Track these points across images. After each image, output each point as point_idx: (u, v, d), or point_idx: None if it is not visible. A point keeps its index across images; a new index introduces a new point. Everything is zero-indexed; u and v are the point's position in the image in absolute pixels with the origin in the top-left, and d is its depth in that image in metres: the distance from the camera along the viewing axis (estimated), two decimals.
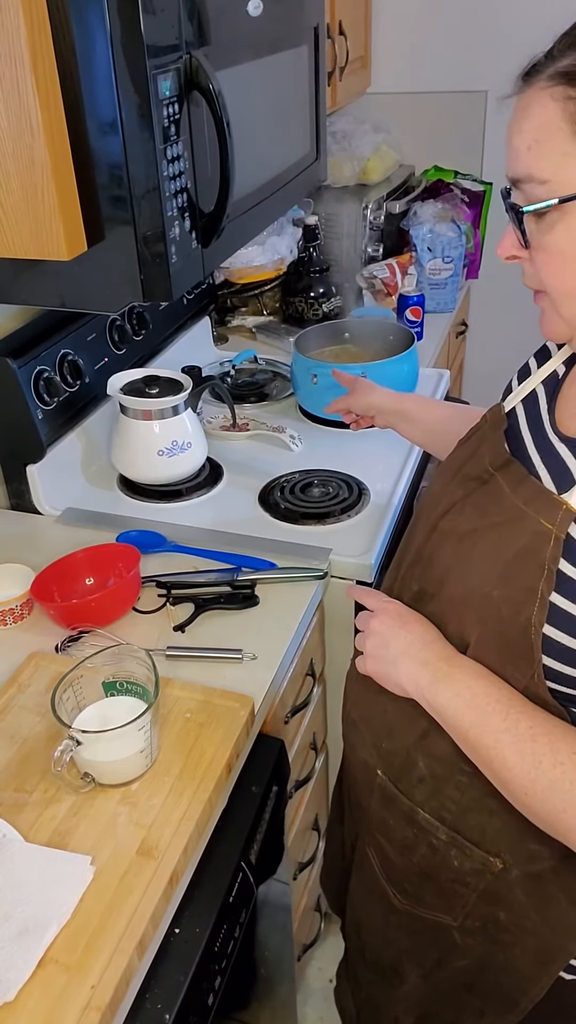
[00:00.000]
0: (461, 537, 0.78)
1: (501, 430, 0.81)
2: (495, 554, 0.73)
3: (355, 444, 1.62)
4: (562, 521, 0.68)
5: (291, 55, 1.32)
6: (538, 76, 0.65)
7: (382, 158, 2.31)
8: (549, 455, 0.74)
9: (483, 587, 0.73)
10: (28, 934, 0.76)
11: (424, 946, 0.91)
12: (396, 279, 2.15)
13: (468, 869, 0.81)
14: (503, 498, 0.75)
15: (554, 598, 0.67)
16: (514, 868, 0.79)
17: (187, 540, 1.33)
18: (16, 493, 1.43)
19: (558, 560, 0.67)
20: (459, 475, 0.83)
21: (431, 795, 0.82)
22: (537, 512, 0.70)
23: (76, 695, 0.94)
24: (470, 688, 0.73)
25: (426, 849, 0.84)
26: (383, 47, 2.41)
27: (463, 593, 0.77)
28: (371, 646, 0.83)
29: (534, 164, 0.64)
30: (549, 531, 0.68)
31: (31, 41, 0.83)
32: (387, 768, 0.86)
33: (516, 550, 0.71)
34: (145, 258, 0.99)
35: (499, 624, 0.72)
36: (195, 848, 0.89)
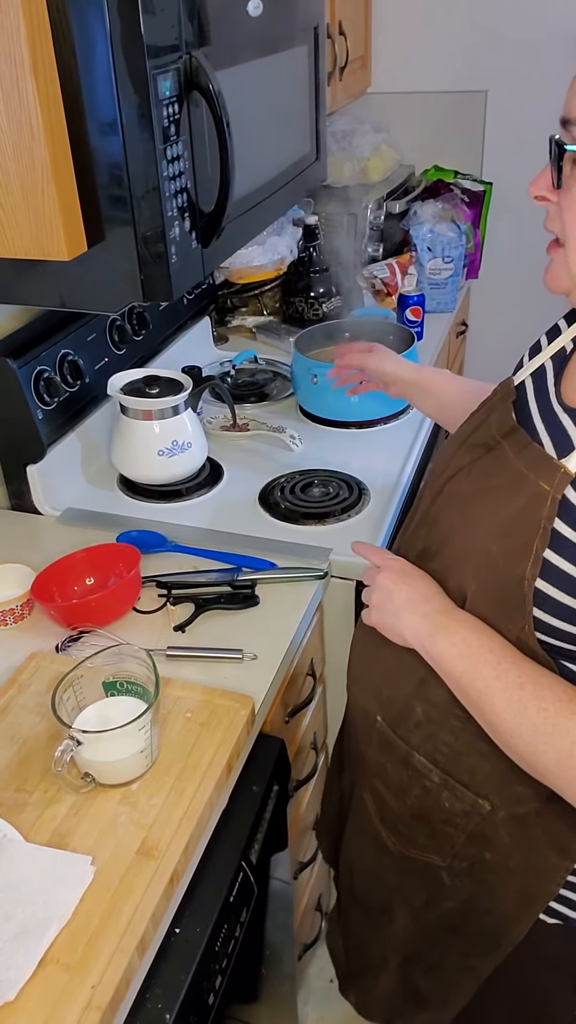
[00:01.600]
0: (465, 498, 0.83)
1: (510, 401, 0.84)
2: (496, 513, 0.77)
3: (355, 444, 1.62)
4: (559, 483, 0.71)
5: (291, 55, 1.32)
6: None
7: (382, 158, 2.31)
8: (552, 424, 0.78)
9: (483, 543, 0.78)
10: (29, 934, 0.76)
11: (414, 887, 0.95)
12: (396, 279, 2.15)
13: (458, 810, 0.86)
14: (507, 463, 0.79)
15: (547, 554, 0.71)
16: (501, 809, 0.83)
17: (187, 540, 1.33)
18: (16, 493, 1.43)
19: (553, 519, 0.71)
20: (467, 443, 0.87)
21: (426, 739, 0.86)
22: (537, 475, 0.74)
23: (76, 695, 0.94)
24: (465, 639, 0.78)
25: (419, 791, 0.88)
26: (383, 47, 2.41)
27: (464, 549, 0.81)
28: (376, 599, 0.88)
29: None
30: (546, 492, 0.72)
31: (31, 41, 0.83)
32: (386, 714, 0.91)
33: (515, 510, 0.74)
34: (145, 258, 0.99)
35: (495, 577, 0.76)
36: (195, 848, 0.89)
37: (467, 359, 2.82)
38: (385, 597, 0.87)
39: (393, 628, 0.86)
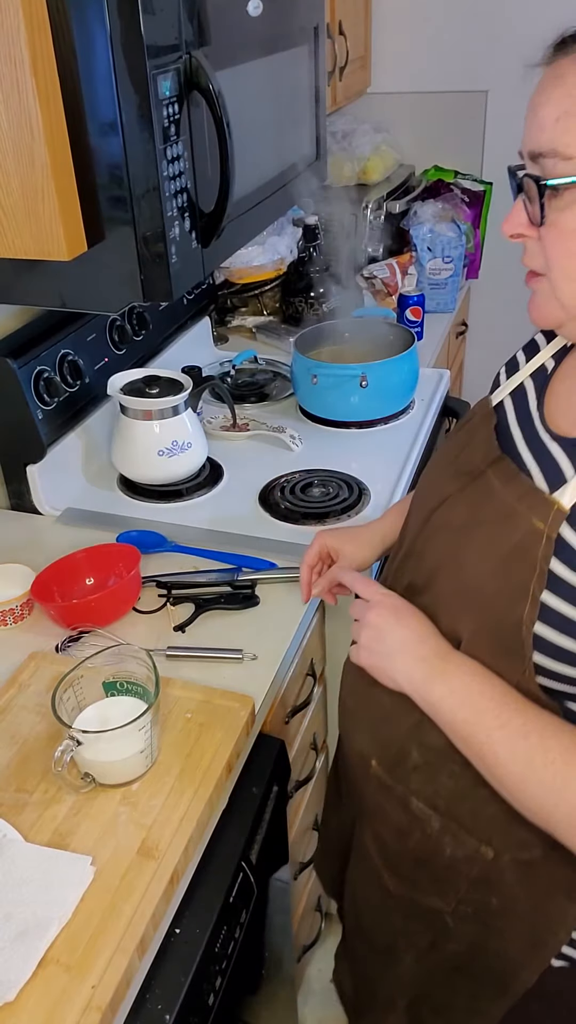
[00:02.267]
0: (454, 532, 0.79)
1: (491, 425, 0.81)
2: (488, 550, 0.74)
3: (355, 444, 1.62)
4: (554, 520, 0.69)
5: (291, 55, 1.32)
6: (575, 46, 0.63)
7: (382, 158, 2.31)
8: (540, 453, 0.75)
9: (476, 581, 0.74)
10: (29, 934, 0.76)
11: (419, 929, 0.92)
12: (396, 279, 2.15)
13: (461, 856, 0.82)
14: (494, 494, 0.76)
15: (545, 596, 0.68)
16: (505, 855, 0.80)
17: (187, 540, 1.33)
18: (16, 493, 1.43)
19: (549, 559, 0.68)
20: (451, 468, 0.84)
21: (425, 783, 0.83)
22: (530, 510, 0.71)
23: (76, 695, 0.94)
24: (465, 685, 0.74)
25: (420, 836, 0.85)
26: (383, 47, 2.41)
27: (455, 588, 0.78)
28: (366, 638, 0.84)
29: (560, 138, 0.63)
30: (541, 530, 0.69)
31: (31, 42, 0.83)
32: (382, 757, 0.87)
33: (509, 547, 0.71)
34: (145, 258, 0.99)
35: (492, 620, 0.73)
36: (195, 848, 0.89)
37: (467, 359, 2.82)
38: (376, 637, 0.82)
39: (385, 672, 0.82)
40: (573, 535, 0.68)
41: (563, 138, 0.62)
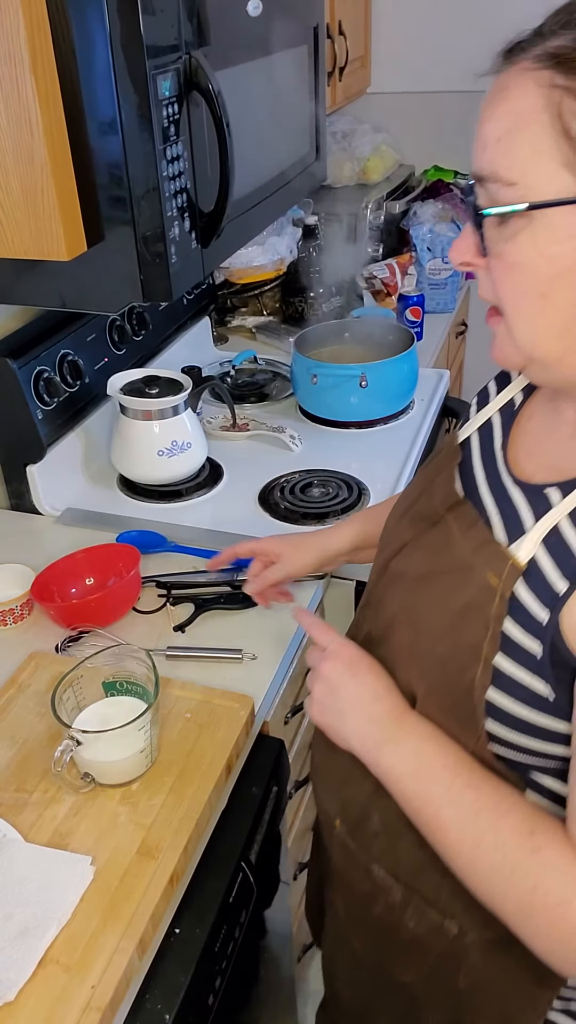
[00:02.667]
0: (410, 583, 0.74)
1: (455, 463, 0.76)
2: (442, 605, 0.68)
3: (355, 444, 1.62)
4: (508, 577, 0.63)
5: (291, 55, 1.32)
6: (523, 56, 0.56)
7: (382, 158, 2.31)
8: (501, 498, 0.69)
9: (428, 641, 0.69)
10: (28, 934, 0.76)
11: (390, 1000, 0.87)
12: (396, 279, 2.15)
13: (424, 931, 0.77)
14: (453, 543, 0.70)
15: (498, 660, 0.63)
16: (470, 932, 0.74)
17: (187, 540, 1.33)
18: (16, 493, 1.43)
19: (503, 620, 0.63)
20: (410, 513, 0.78)
21: (386, 851, 0.78)
22: (485, 564, 0.65)
23: (76, 695, 0.94)
24: (415, 752, 0.69)
25: (384, 905, 0.80)
26: (383, 47, 2.41)
27: (409, 644, 0.72)
28: (319, 692, 0.77)
29: (500, 160, 0.56)
30: (495, 587, 0.63)
31: (31, 42, 0.83)
32: (345, 818, 0.83)
33: (462, 604, 0.66)
34: (145, 258, 0.99)
35: (443, 683, 0.68)
36: (195, 848, 0.89)
37: (467, 359, 2.82)
38: (329, 691, 0.76)
39: (336, 730, 0.76)
40: (528, 594, 0.62)
41: (503, 160, 0.56)
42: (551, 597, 0.60)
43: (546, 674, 0.61)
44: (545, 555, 0.62)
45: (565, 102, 0.53)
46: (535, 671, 0.62)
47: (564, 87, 0.53)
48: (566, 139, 0.53)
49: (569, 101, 0.53)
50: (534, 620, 0.61)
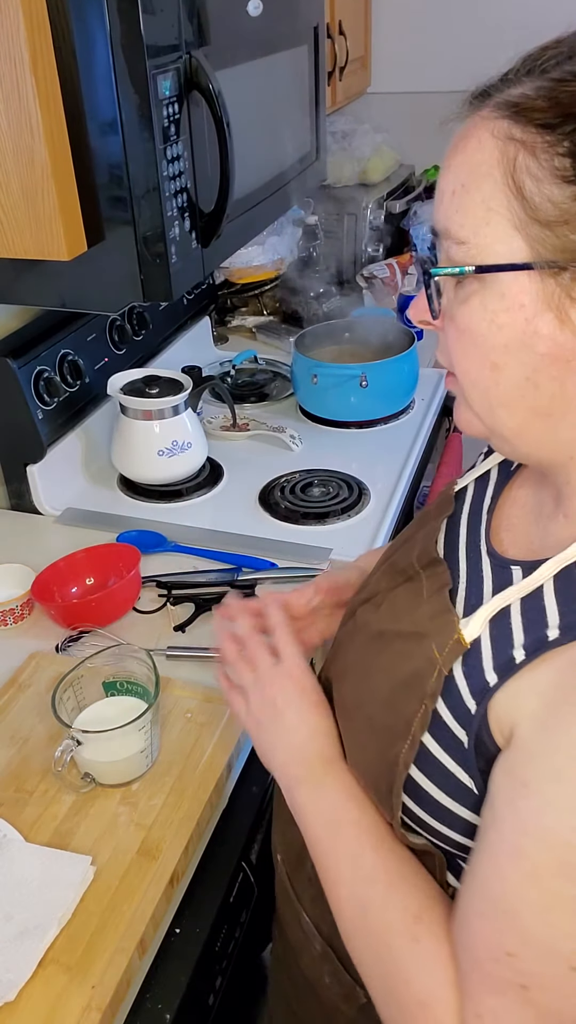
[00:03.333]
0: (368, 639, 0.70)
1: (445, 516, 0.72)
2: (389, 673, 0.64)
3: (355, 444, 1.62)
4: (449, 653, 0.59)
5: (291, 55, 1.32)
6: (486, 102, 0.52)
7: (382, 158, 2.31)
8: (474, 566, 0.65)
9: (368, 706, 0.66)
10: (29, 934, 0.76)
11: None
12: (396, 279, 2.15)
13: (337, 993, 0.75)
14: (419, 604, 0.65)
15: (427, 739, 0.59)
16: None
17: (187, 540, 1.33)
18: (16, 493, 1.43)
19: (436, 698, 0.59)
20: (388, 563, 0.74)
21: (313, 899, 0.75)
22: (436, 633, 0.61)
23: (76, 695, 0.94)
24: (332, 803, 0.67)
25: (308, 959, 0.79)
26: (383, 47, 2.41)
27: (352, 703, 0.69)
28: (259, 706, 0.75)
29: (453, 216, 0.52)
30: (436, 661, 0.59)
31: (31, 41, 0.83)
32: (285, 857, 0.81)
33: (407, 673, 0.62)
34: (145, 258, 0.99)
35: (370, 752, 0.65)
36: (195, 848, 0.89)
37: None
38: (269, 708, 0.73)
39: (264, 751, 0.74)
40: (462, 679, 0.58)
41: (456, 216, 0.52)
42: (481, 688, 0.56)
43: (470, 766, 0.57)
44: (487, 638, 0.58)
45: (520, 157, 0.48)
46: (459, 760, 0.58)
47: (520, 140, 0.48)
48: (519, 199, 0.49)
49: (524, 156, 0.48)
50: (464, 707, 0.57)
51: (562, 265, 0.49)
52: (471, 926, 0.55)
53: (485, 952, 0.53)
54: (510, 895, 0.52)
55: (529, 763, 0.52)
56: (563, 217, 0.48)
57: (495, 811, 0.54)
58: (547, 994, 0.51)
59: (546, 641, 0.54)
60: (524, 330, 0.51)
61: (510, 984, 0.52)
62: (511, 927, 0.52)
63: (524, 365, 0.52)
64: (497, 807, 0.54)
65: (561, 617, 0.54)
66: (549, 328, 0.50)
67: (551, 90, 0.48)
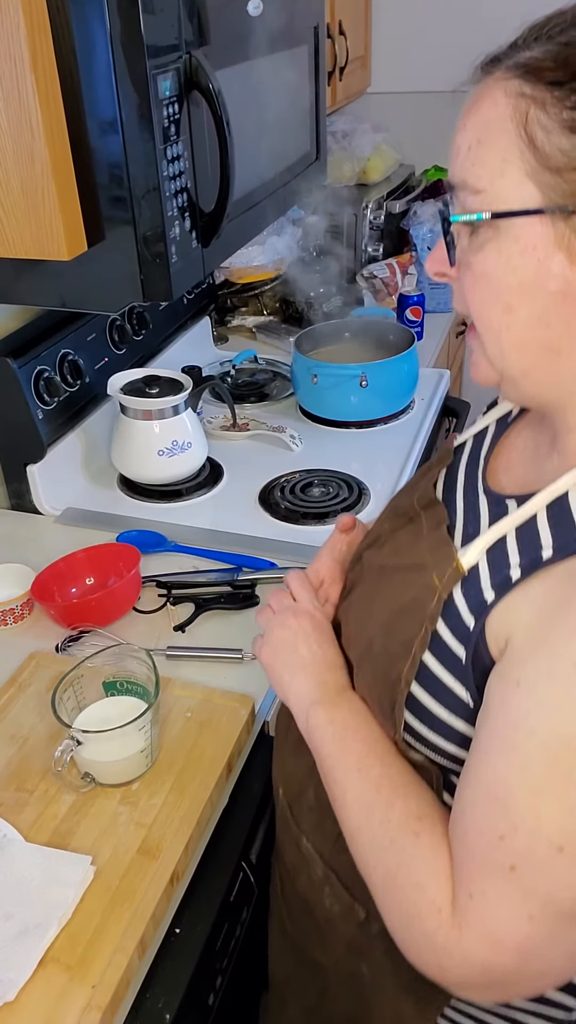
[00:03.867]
0: (373, 574, 0.77)
1: (444, 465, 0.78)
2: (390, 600, 0.71)
3: (355, 444, 1.62)
4: (448, 580, 0.64)
5: (291, 55, 1.32)
6: (497, 66, 0.58)
7: (382, 158, 2.31)
8: (471, 505, 0.71)
9: (369, 631, 0.72)
10: (29, 934, 0.76)
11: (306, 982, 0.89)
12: (396, 279, 2.15)
13: (337, 911, 0.80)
14: (419, 541, 0.72)
15: (427, 658, 0.65)
16: (376, 922, 0.74)
17: (187, 540, 1.33)
18: (16, 493, 1.43)
19: (436, 620, 0.65)
20: (390, 507, 0.81)
21: (315, 825, 0.80)
22: (434, 564, 0.67)
23: (76, 695, 0.94)
24: (344, 720, 0.72)
25: (306, 880, 0.83)
26: (383, 47, 2.41)
27: (357, 632, 0.76)
28: (277, 638, 0.81)
29: (470, 168, 0.57)
30: (436, 588, 0.65)
31: (31, 41, 0.83)
32: (287, 789, 0.86)
33: (406, 601, 0.68)
34: (145, 258, 0.99)
35: (374, 673, 0.71)
36: (196, 847, 0.89)
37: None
38: (289, 644, 0.79)
39: (280, 679, 0.79)
40: (462, 600, 0.64)
41: (473, 169, 0.57)
42: (479, 605, 0.62)
43: (468, 680, 0.63)
44: (485, 564, 0.63)
45: (532, 112, 0.54)
46: (458, 676, 0.63)
47: (531, 96, 0.54)
48: (531, 149, 0.54)
49: (535, 111, 0.53)
50: (463, 625, 0.63)
51: (572, 209, 0.53)
52: (465, 816, 0.60)
53: (478, 837, 0.58)
54: (502, 783, 0.56)
55: (522, 665, 0.57)
56: (572, 164, 0.53)
57: (489, 712, 0.59)
58: (534, 874, 0.55)
59: (541, 560, 0.59)
60: (537, 271, 0.56)
61: (500, 866, 0.56)
62: (502, 813, 0.56)
63: (536, 305, 0.57)
64: (491, 707, 0.59)
65: (554, 539, 0.59)
66: (560, 267, 0.55)
67: (558, 52, 0.54)
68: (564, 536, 0.59)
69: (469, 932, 0.58)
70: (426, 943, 0.61)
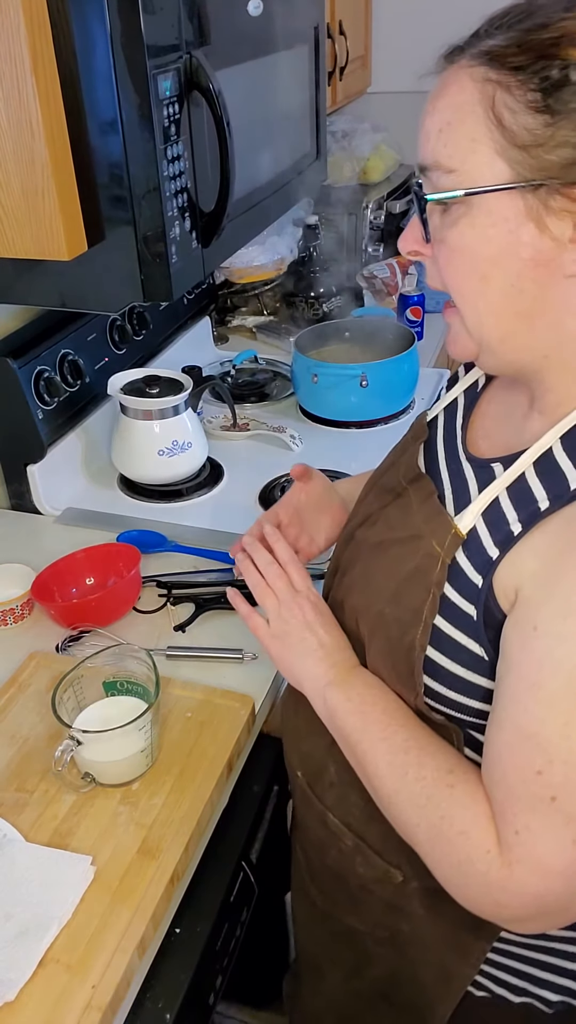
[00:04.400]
0: (369, 550, 0.80)
1: (420, 441, 0.81)
2: (392, 571, 0.74)
3: (355, 444, 1.62)
4: (449, 546, 0.68)
5: (291, 55, 1.32)
6: (461, 56, 0.62)
7: (382, 158, 2.31)
8: (455, 473, 0.75)
9: (377, 604, 0.75)
10: (29, 934, 0.76)
11: (342, 950, 0.92)
12: (396, 279, 2.15)
13: (371, 877, 0.82)
14: (410, 514, 0.75)
15: (438, 621, 0.68)
16: (413, 880, 0.79)
17: (187, 540, 1.33)
18: (16, 493, 1.43)
19: (443, 585, 0.68)
20: (376, 486, 0.84)
21: (339, 800, 0.83)
22: (432, 533, 0.70)
23: (76, 695, 0.94)
24: (361, 695, 0.75)
25: (336, 853, 0.85)
26: (383, 47, 2.41)
27: (362, 606, 0.78)
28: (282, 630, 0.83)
29: (442, 150, 0.61)
30: (438, 555, 0.69)
31: (31, 41, 0.83)
32: (305, 770, 0.88)
33: (409, 570, 0.71)
34: (145, 258, 0.99)
35: (387, 643, 0.73)
36: (196, 848, 0.89)
37: None
38: (295, 634, 0.82)
39: (292, 669, 0.82)
40: (466, 561, 0.67)
41: (444, 150, 0.60)
42: (485, 563, 0.65)
43: (480, 636, 0.66)
44: (483, 525, 0.67)
45: (498, 94, 0.57)
46: (471, 633, 0.67)
47: (496, 80, 0.58)
48: (499, 128, 0.57)
49: (501, 93, 0.57)
50: (471, 584, 0.66)
51: (539, 182, 0.57)
52: (501, 759, 0.63)
53: (516, 776, 0.62)
54: (533, 721, 0.60)
55: (537, 610, 0.60)
56: (537, 141, 0.57)
57: (510, 659, 0.63)
58: (573, 800, 0.59)
59: (538, 512, 0.62)
60: (509, 241, 0.60)
61: (541, 799, 0.60)
62: (536, 749, 0.60)
63: (509, 273, 0.61)
64: (511, 655, 0.63)
65: (547, 491, 0.63)
66: (530, 236, 0.59)
67: (519, 39, 0.58)
68: (556, 487, 0.62)
69: (520, 867, 0.62)
70: (480, 885, 0.64)
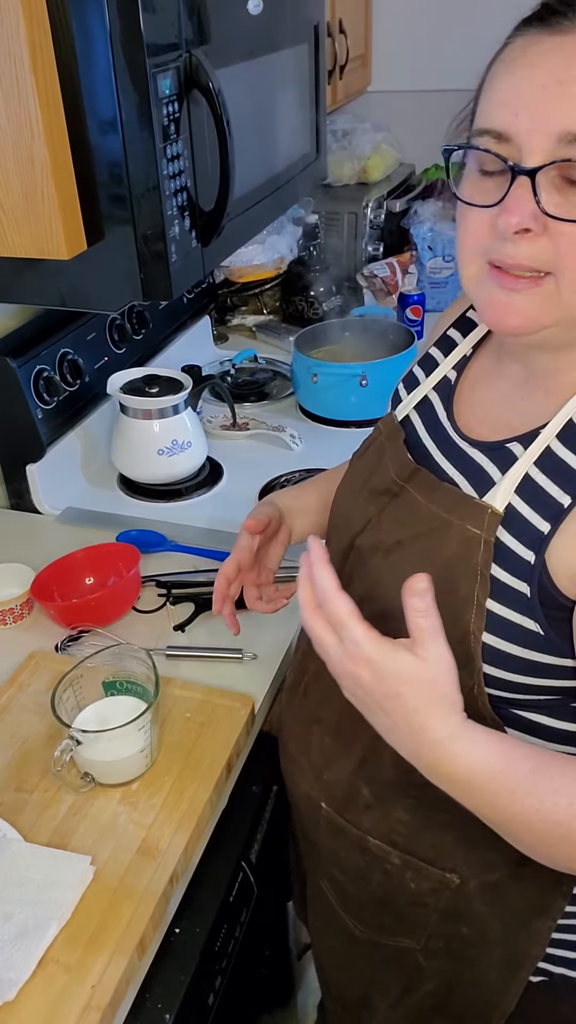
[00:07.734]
0: (386, 551, 0.75)
1: (399, 440, 0.80)
2: (426, 564, 0.66)
3: (355, 443, 1.61)
4: (489, 525, 0.67)
5: (291, 53, 1.32)
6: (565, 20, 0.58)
7: (382, 156, 2.31)
8: (461, 460, 0.73)
9: None
10: (28, 934, 0.76)
11: (390, 974, 0.89)
12: (397, 278, 2.15)
13: (426, 889, 0.80)
14: (419, 508, 0.73)
15: (490, 603, 0.66)
16: (472, 880, 0.78)
17: (187, 539, 1.33)
18: (16, 493, 1.43)
19: (490, 565, 0.66)
20: (366, 490, 0.81)
21: (379, 821, 0.80)
22: (463, 519, 0.69)
23: (76, 695, 0.93)
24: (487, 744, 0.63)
25: (380, 876, 0.82)
26: (383, 45, 2.40)
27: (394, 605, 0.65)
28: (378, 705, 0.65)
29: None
30: (478, 536, 0.67)
31: (31, 40, 0.83)
32: (331, 799, 0.84)
33: (447, 558, 0.69)
34: (145, 257, 0.99)
35: None
36: (195, 848, 0.89)
37: None
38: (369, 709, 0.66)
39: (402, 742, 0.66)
40: (511, 538, 0.66)
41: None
42: (535, 539, 0.64)
43: (536, 613, 0.65)
44: (521, 502, 0.66)
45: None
46: (525, 611, 0.65)
47: None
48: None
49: None
50: (521, 562, 0.65)
51: None
52: None
53: None
54: None
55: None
56: None
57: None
58: None
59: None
60: None
61: None
62: None
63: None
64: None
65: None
66: None
67: None
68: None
69: None
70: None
